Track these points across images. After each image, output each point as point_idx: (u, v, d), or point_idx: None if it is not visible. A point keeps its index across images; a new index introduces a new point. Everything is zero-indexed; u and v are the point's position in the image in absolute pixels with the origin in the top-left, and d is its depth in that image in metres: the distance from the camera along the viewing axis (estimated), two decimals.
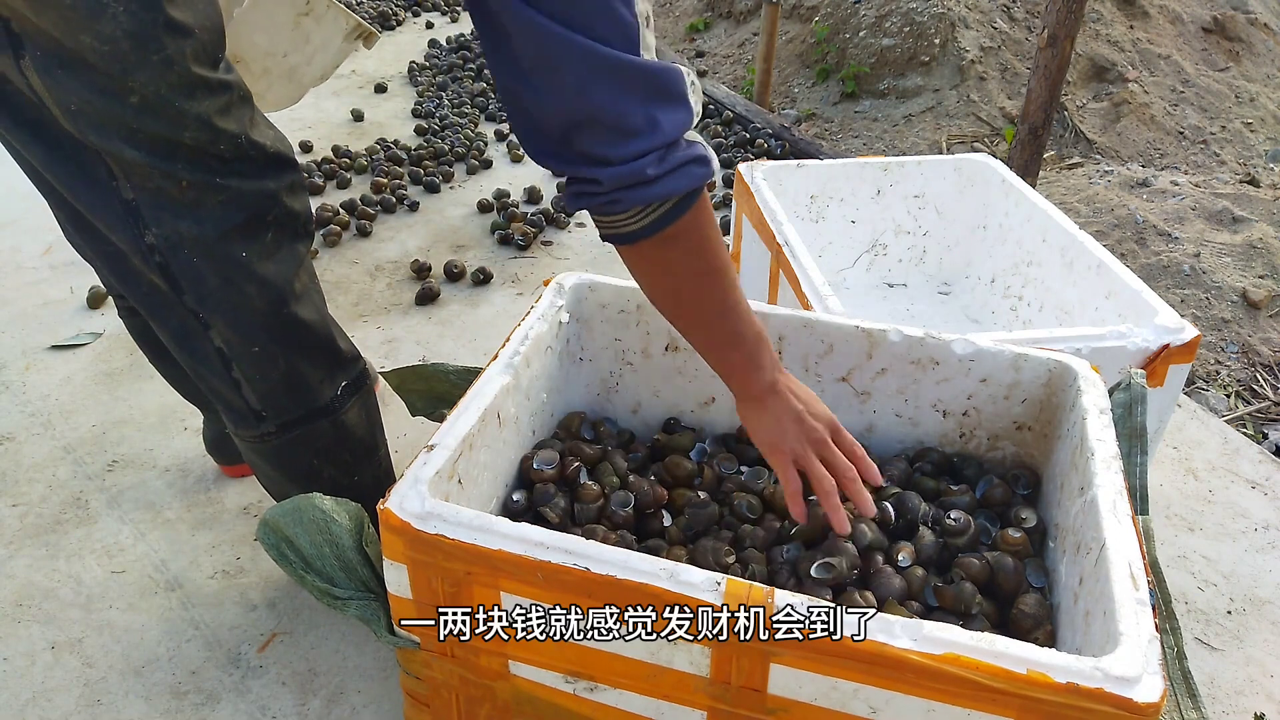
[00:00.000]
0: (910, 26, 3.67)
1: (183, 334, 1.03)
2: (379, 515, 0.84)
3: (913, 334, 1.12)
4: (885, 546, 1.01)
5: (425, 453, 0.90)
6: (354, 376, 1.14)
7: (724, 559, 0.99)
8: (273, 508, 0.95)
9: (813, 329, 1.15)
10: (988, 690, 0.70)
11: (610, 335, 1.22)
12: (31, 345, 1.85)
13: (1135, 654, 0.71)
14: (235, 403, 1.07)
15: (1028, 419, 1.13)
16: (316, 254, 2.21)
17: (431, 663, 0.91)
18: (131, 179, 0.92)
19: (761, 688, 0.78)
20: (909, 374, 1.14)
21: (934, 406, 1.16)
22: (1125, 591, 0.77)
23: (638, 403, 1.27)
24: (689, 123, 0.82)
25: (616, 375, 1.26)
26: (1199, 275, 2.34)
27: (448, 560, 0.82)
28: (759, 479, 1.13)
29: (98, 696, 1.17)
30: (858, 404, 1.18)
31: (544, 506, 1.05)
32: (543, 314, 1.13)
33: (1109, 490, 0.89)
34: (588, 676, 0.85)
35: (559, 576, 0.79)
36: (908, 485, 1.14)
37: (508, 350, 1.06)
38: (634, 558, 0.79)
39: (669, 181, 0.81)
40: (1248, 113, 3.85)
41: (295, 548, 0.95)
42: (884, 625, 0.73)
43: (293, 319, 1.04)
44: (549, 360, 1.15)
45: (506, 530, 0.81)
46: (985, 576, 0.98)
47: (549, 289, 1.17)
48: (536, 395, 1.13)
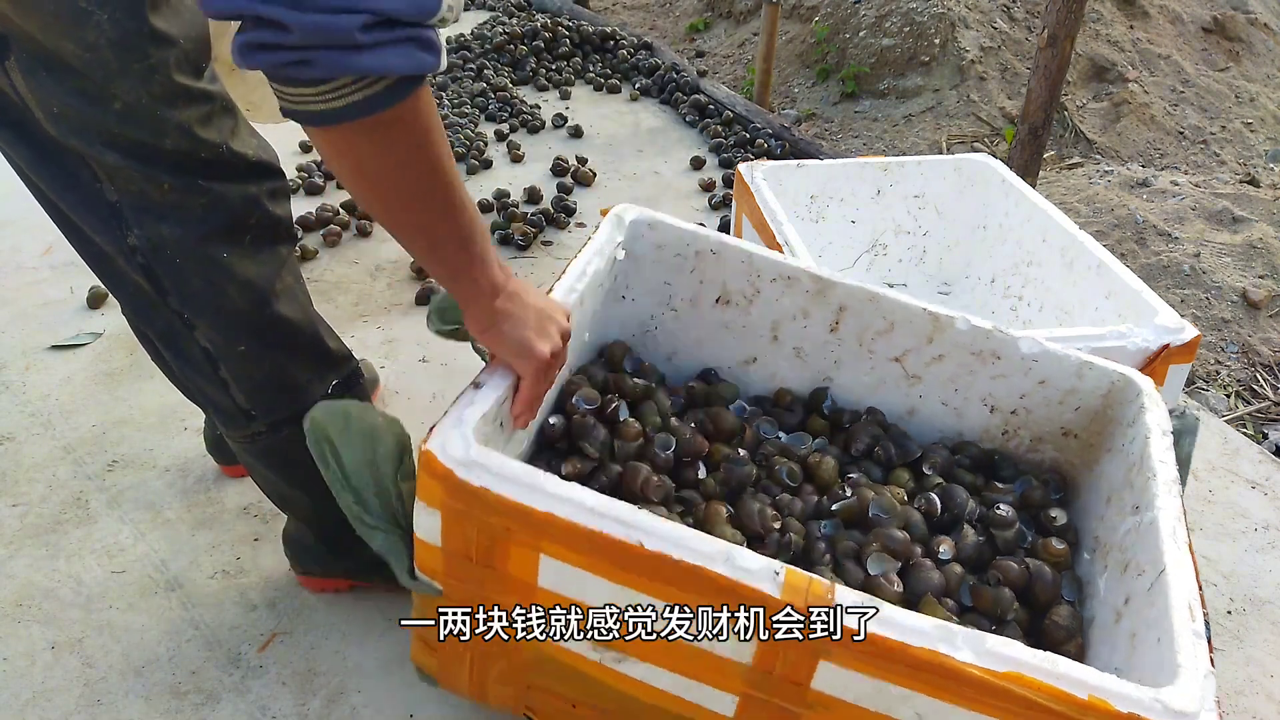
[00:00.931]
0: (910, 26, 3.67)
1: (169, 335, 1.03)
2: (419, 457, 0.78)
3: (980, 325, 1.10)
4: (928, 538, 1.00)
5: (472, 390, 0.84)
6: (345, 375, 1.14)
7: (770, 523, 0.96)
8: (321, 405, 0.88)
9: (878, 304, 1.12)
10: (1045, 712, 0.69)
11: (660, 278, 1.17)
12: (31, 345, 1.85)
13: (1194, 688, 0.70)
14: (224, 403, 1.07)
15: (1077, 427, 1.12)
16: (316, 254, 2.20)
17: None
18: (115, 181, 0.92)
19: (805, 682, 0.76)
20: (966, 364, 1.12)
21: (983, 400, 1.14)
22: (1184, 622, 0.76)
23: (675, 350, 1.23)
24: (433, 9, 0.65)
25: (658, 319, 1.22)
26: (1199, 275, 2.34)
27: (488, 514, 0.77)
28: (801, 444, 1.10)
29: (98, 696, 1.17)
30: (905, 385, 1.17)
31: (583, 440, 1.01)
32: (599, 249, 1.08)
33: (1169, 514, 0.87)
34: (619, 648, 0.81)
35: (608, 548, 0.74)
36: (949, 477, 1.13)
37: (563, 286, 1.01)
38: (690, 536, 0.74)
39: (385, 55, 0.64)
40: (1248, 113, 3.85)
41: (337, 455, 0.87)
42: (946, 635, 0.72)
43: (277, 318, 1.04)
44: (598, 298, 1.11)
45: (557, 490, 0.76)
46: (1023, 582, 0.98)
47: (607, 222, 1.12)
48: (581, 335, 1.09)
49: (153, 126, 0.90)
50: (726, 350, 1.22)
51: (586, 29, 3.57)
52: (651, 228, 1.14)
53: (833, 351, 1.17)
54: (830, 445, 1.15)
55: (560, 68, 3.41)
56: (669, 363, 1.25)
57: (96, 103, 0.87)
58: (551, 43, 3.49)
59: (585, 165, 2.68)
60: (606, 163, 2.75)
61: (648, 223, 1.14)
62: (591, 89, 3.31)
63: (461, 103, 3.13)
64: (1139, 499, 0.93)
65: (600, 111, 3.13)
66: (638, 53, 3.51)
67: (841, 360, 1.17)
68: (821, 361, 1.18)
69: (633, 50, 3.52)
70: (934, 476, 1.09)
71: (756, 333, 1.19)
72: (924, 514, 1.03)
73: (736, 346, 1.21)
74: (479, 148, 2.78)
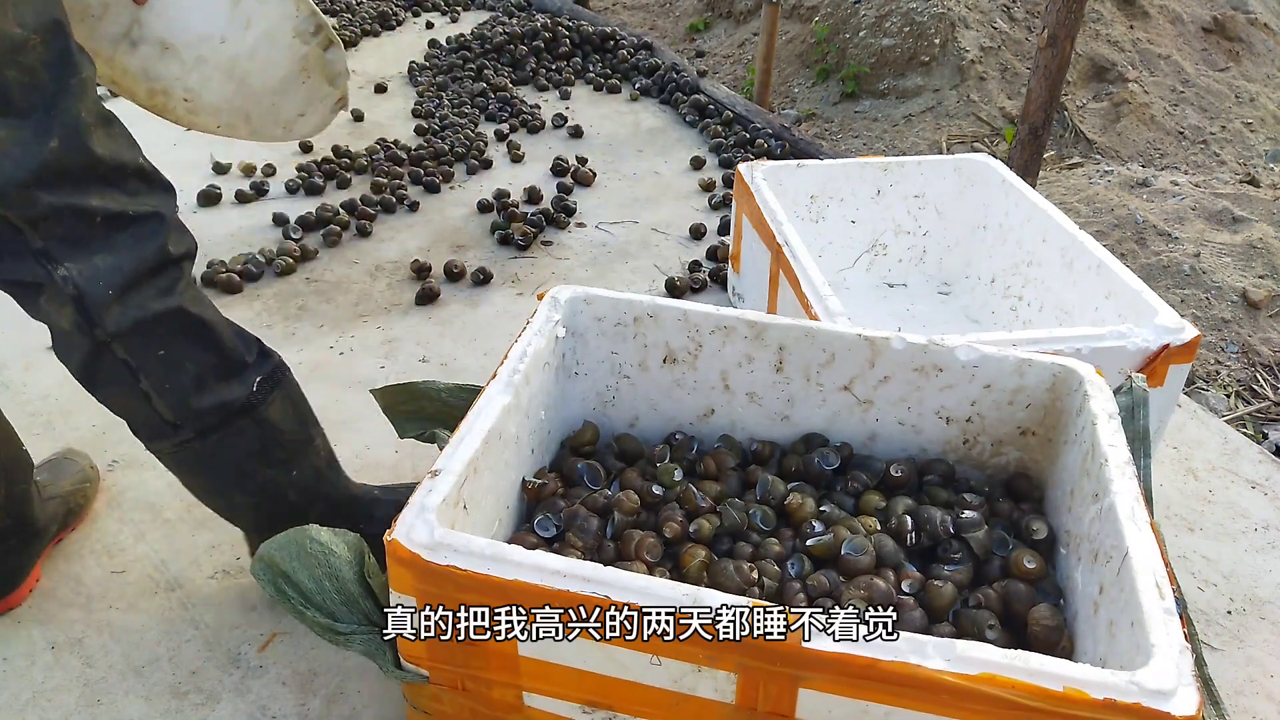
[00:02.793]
0: (910, 26, 3.67)
1: (91, 361, 1.02)
2: (385, 547, 0.82)
3: (916, 341, 1.11)
4: (901, 565, 1.01)
5: (430, 479, 0.88)
6: (269, 371, 1.13)
7: (749, 576, 0.98)
8: (268, 543, 0.93)
9: (814, 338, 1.14)
10: (1024, 710, 0.70)
11: (606, 349, 1.21)
12: (31, 345, 1.85)
13: (1169, 666, 0.71)
14: (147, 416, 1.06)
15: (1032, 424, 1.13)
16: (317, 254, 2.21)
17: (441, 696, 0.89)
18: (39, 228, 0.93)
19: (789, 713, 0.77)
20: (912, 381, 1.13)
21: (937, 414, 1.15)
22: (1153, 601, 0.77)
23: (636, 416, 1.27)
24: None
25: (613, 389, 1.25)
26: (1199, 275, 2.34)
27: (460, 592, 0.80)
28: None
29: (98, 696, 1.17)
30: (860, 412, 1.18)
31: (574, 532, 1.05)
32: (539, 329, 1.12)
33: (1126, 497, 0.88)
34: (606, 706, 0.84)
35: (577, 605, 0.77)
36: (917, 494, 1.14)
37: (507, 368, 1.05)
38: (655, 584, 0.77)
39: None
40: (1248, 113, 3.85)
41: (293, 583, 0.92)
42: (916, 645, 0.72)
43: (193, 321, 1.04)
44: (546, 376, 1.14)
45: (521, 559, 0.79)
46: (1000, 602, 0.99)
47: (543, 304, 1.16)
48: (535, 413, 1.12)
49: (87, 154, 0.92)
50: (683, 407, 1.24)
51: (586, 29, 3.57)
52: (588, 303, 1.18)
53: (783, 391, 1.19)
54: (806, 484, 1.16)
55: (560, 68, 3.41)
56: (633, 428, 1.28)
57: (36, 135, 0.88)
58: (551, 43, 3.49)
59: (585, 165, 2.68)
60: (606, 163, 2.75)
61: (583, 299, 1.18)
62: (591, 89, 3.31)
63: (461, 103, 3.13)
64: (1096, 486, 0.93)
65: (600, 111, 3.13)
66: (638, 53, 3.51)
67: (794, 398, 1.19)
68: (775, 402, 1.20)
69: (633, 50, 3.52)
70: (902, 500, 1.09)
71: (708, 385, 1.21)
72: (894, 534, 1.04)
73: (692, 402, 1.24)
74: (479, 148, 2.78)
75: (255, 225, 2.35)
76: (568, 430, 1.25)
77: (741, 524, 1.07)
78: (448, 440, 0.95)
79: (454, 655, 0.85)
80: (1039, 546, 1.05)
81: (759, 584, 0.97)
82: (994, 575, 1.03)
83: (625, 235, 2.36)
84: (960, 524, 1.05)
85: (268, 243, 2.25)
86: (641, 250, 2.29)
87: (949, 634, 0.95)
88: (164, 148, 2.79)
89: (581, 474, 1.15)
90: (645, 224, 2.41)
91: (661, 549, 1.04)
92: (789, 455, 1.20)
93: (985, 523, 1.06)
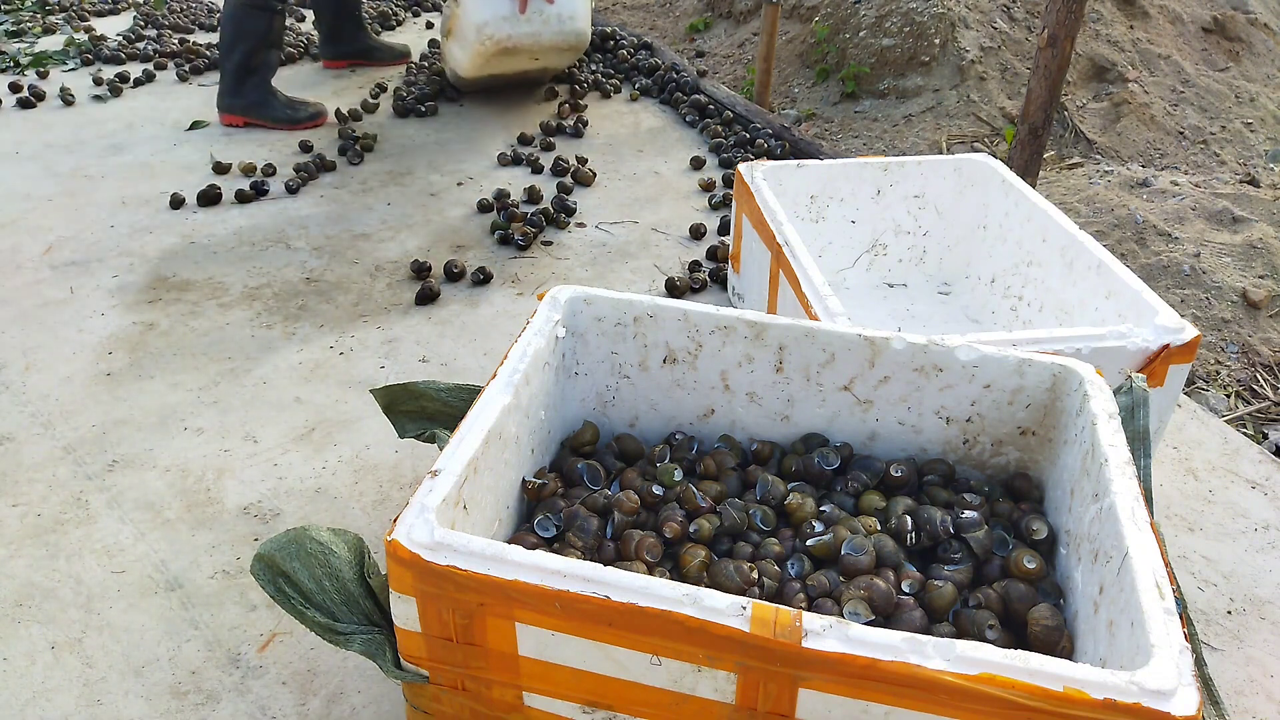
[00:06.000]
0: (910, 26, 3.67)
1: None
2: (386, 547, 0.82)
3: (916, 341, 1.11)
4: (900, 565, 1.01)
5: (430, 479, 0.88)
6: None
7: (749, 576, 0.98)
8: (267, 541, 0.93)
9: (814, 338, 1.14)
10: (1024, 710, 0.70)
11: (606, 349, 1.22)
12: (31, 345, 1.85)
13: (1168, 666, 0.70)
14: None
15: (1032, 424, 1.13)
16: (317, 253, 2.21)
17: (441, 697, 0.89)
18: None
19: (790, 713, 0.77)
20: (912, 381, 1.13)
21: (937, 413, 1.15)
22: (1152, 601, 0.76)
23: (635, 416, 1.27)
24: None
25: (613, 389, 1.25)
26: (1199, 275, 2.34)
27: (459, 592, 0.80)
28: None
29: (98, 696, 1.17)
30: (860, 412, 1.18)
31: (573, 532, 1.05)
32: (539, 329, 1.12)
33: (1126, 497, 0.88)
34: (606, 706, 0.84)
35: (578, 605, 0.77)
36: (917, 494, 1.14)
37: (507, 368, 1.05)
38: (655, 584, 0.77)
39: None
40: (1248, 113, 3.85)
41: (293, 583, 0.92)
42: (916, 645, 0.72)
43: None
44: (546, 376, 1.14)
45: (521, 559, 0.79)
46: (1000, 603, 0.99)
47: (543, 304, 1.16)
48: (535, 413, 1.12)
49: None
50: (683, 407, 1.25)
51: None
52: (587, 303, 1.18)
53: (783, 391, 1.19)
54: (806, 484, 1.16)
55: None
56: (633, 428, 1.28)
57: None
58: None
59: (585, 165, 2.68)
60: (606, 163, 2.75)
61: (583, 299, 1.18)
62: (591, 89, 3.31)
63: None
64: (1096, 486, 0.93)
65: (600, 111, 3.13)
66: (638, 53, 3.51)
67: (794, 398, 1.19)
68: (775, 402, 1.20)
69: (633, 50, 3.52)
70: (902, 501, 1.09)
71: (708, 385, 1.22)
72: (894, 534, 1.04)
73: (692, 402, 1.24)
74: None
75: (255, 225, 2.36)
76: (568, 430, 1.25)
77: (741, 524, 1.07)
78: (448, 440, 0.95)
79: (454, 655, 0.85)
80: (1039, 546, 1.05)
81: (759, 584, 0.97)
82: (994, 575, 1.03)
83: (625, 235, 2.36)
84: (960, 524, 1.05)
85: (268, 242, 2.26)
86: (641, 250, 2.29)
87: (949, 634, 0.95)
88: (164, 147, 2.80)
89: (581, 474, 1.15)
90: (645, 224, 2.41)
91: (661, 549, 1.04)
92: (789, 455, 1.20)
93: (985, 523, 1.06)
